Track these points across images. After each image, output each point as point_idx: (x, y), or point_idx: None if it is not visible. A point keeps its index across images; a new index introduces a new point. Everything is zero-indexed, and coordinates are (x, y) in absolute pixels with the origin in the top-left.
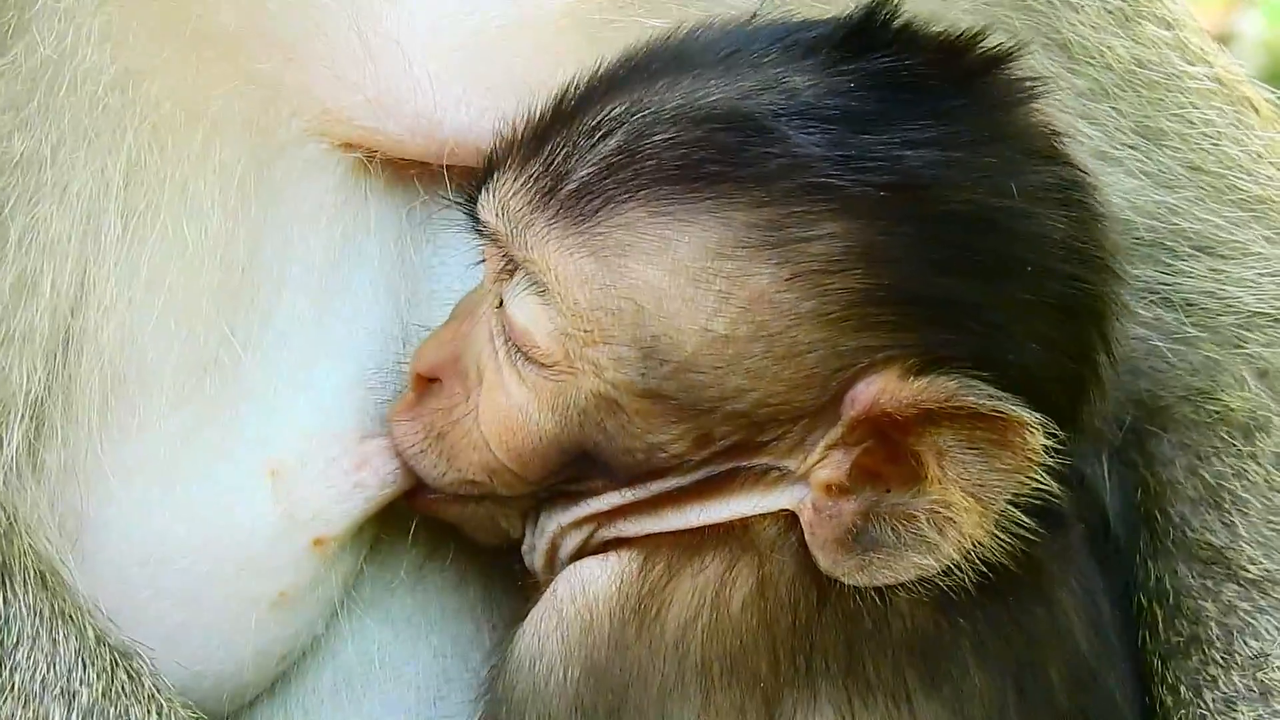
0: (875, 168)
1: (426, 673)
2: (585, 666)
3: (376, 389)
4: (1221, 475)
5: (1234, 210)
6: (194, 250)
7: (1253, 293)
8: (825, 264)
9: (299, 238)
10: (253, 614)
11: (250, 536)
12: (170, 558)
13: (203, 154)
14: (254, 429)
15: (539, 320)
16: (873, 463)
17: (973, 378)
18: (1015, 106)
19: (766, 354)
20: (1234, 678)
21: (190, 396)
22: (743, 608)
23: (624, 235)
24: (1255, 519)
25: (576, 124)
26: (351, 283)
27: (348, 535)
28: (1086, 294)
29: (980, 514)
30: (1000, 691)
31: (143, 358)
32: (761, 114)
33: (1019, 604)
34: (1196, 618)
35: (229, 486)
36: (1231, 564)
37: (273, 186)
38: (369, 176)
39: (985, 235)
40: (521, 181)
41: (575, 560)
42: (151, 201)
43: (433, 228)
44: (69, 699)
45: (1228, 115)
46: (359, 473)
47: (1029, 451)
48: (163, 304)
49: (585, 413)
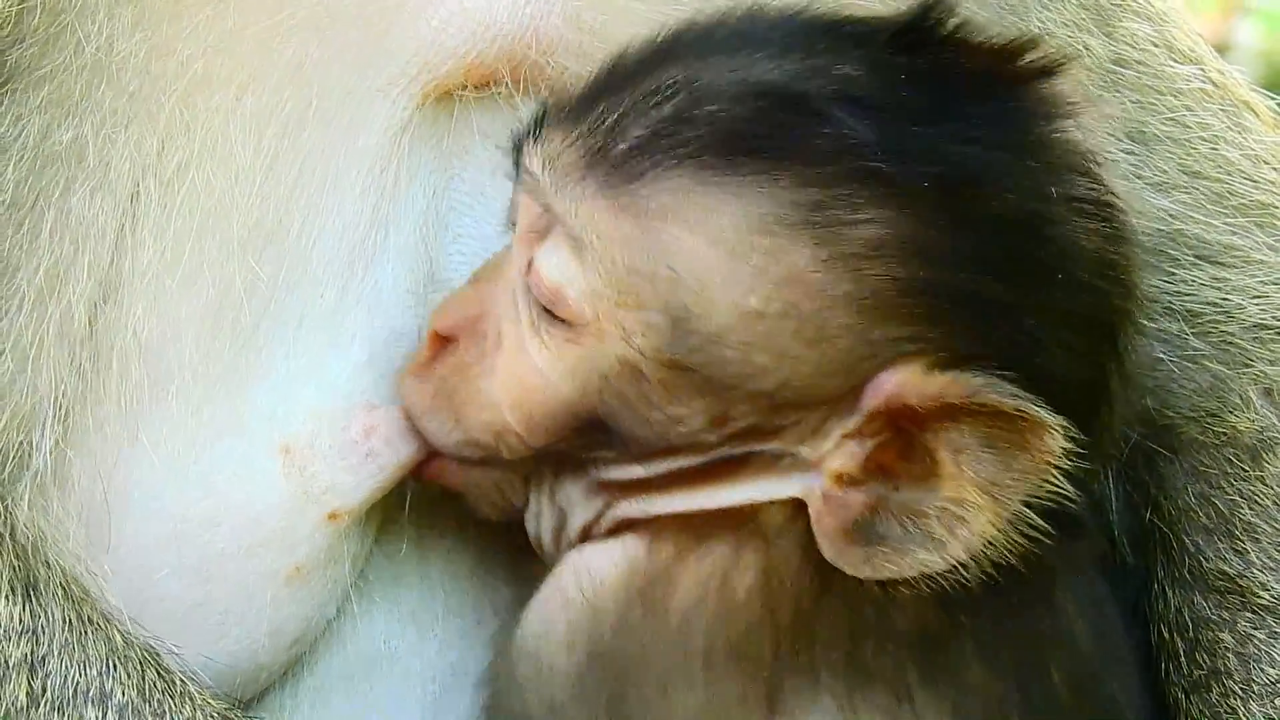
0: (923, 159)
1: (434, 664)
2: (589, 650)
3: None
4: (1234, 503)
5: (1236, 217)
6: (225, 211)
7: (1258, 304)
8: (864, 249)
9: (329, 207)
10: (268, 590)
11: (265, 512)
12: (187, 536)
13: (231, 116)
14: (266, 407)
15: (572, 278)
16: (886, 458)
17: (998, 376)
18: (1058, 119)
19: (796, 334)
20: (1253, 708)
21: (206, 375)
22: (747, 594)
23: (668, 200)
24: (1266, 544)
25: (632, 87)
26: (375, 260)
27: (362, 508)
28: (1111, 308)
29: (993, 513)
30: (1001, 688)
31: (170, 338)
32: (815, 96)
33: (1023, 604)
34: (1214, 650)
35: (242, 464)
36: (1245, 592)
37: (302, 151)
38: (401, 150)
39: (1023, 238)
40: (572, 137)
41: (583, 537)
42: (183, 171)
43: (455, 214)
44: (102, 701)
45: (1225, 118)
46: (369, 440)
47: (1048, 454)
48: (190, 278)
49: (606, 379)
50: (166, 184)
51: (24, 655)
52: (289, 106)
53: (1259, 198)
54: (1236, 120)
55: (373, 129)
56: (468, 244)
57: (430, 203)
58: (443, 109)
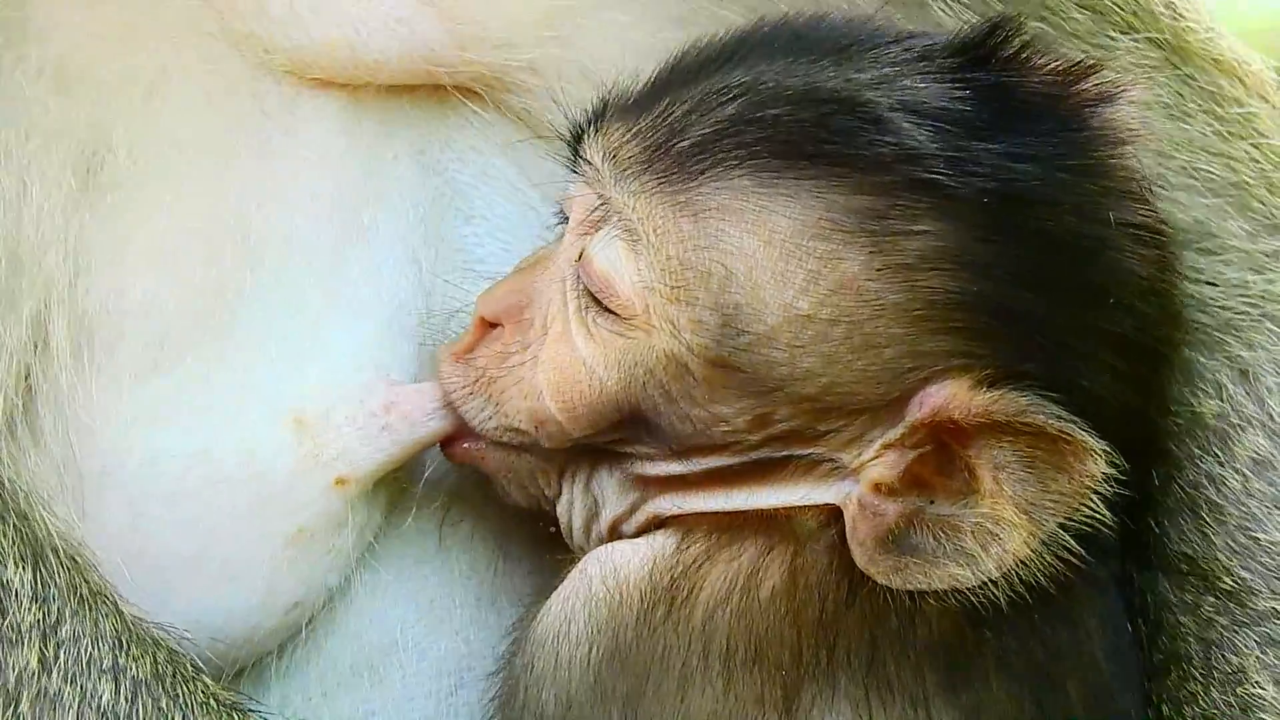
0: (983, 174)
1: (449, 655)
2: (609, 647)
3: (405, 339)
4: (1197, 483)
5: (1209, 198)
6: (183, 210)
7: (1236, 291)
8: (919, 260)
9: (300, 189)
10: (268, 550)
11: (272, 473)
12: (191, 493)
13: (173, 117)
14: (274, 379)
15: (624, 270)
16: (925, 470)
17: (1043, 396)
18: (1118, 145)
19: (844, 341)
20: (1213, 694)
21: (202, 347)
22: (772, 596)
23: (727, 199)
24: (1232, 527)
25: (698, 85)
26: (367, 236)
27: (370, 479)
28: (1157, 336)
29: (1029, 533)
30: (1018, 703)
31: (156, 308)
32: (878, 104)
33: (1045, 622)
34: (1176, 633)
35: (251, 431)
36: (1208, 576)
37: (261, 138)
38: (361, 119)
39: (1077, 259)
40: (634, 131)
41: (613, 530)
42: (135, 168)
43: (465, 193)
44: (115, 675)
45: (1195, 85)
46: (387, 416)
47: (1088, 477)
48: (157, 259)
49: (652, 373)
50: (133, 151)
51: (36, 620)
52: (229, 97)
53: (1230, 178)
54: (1209, 87)
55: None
56: (481, 224)
57: (423, 179)
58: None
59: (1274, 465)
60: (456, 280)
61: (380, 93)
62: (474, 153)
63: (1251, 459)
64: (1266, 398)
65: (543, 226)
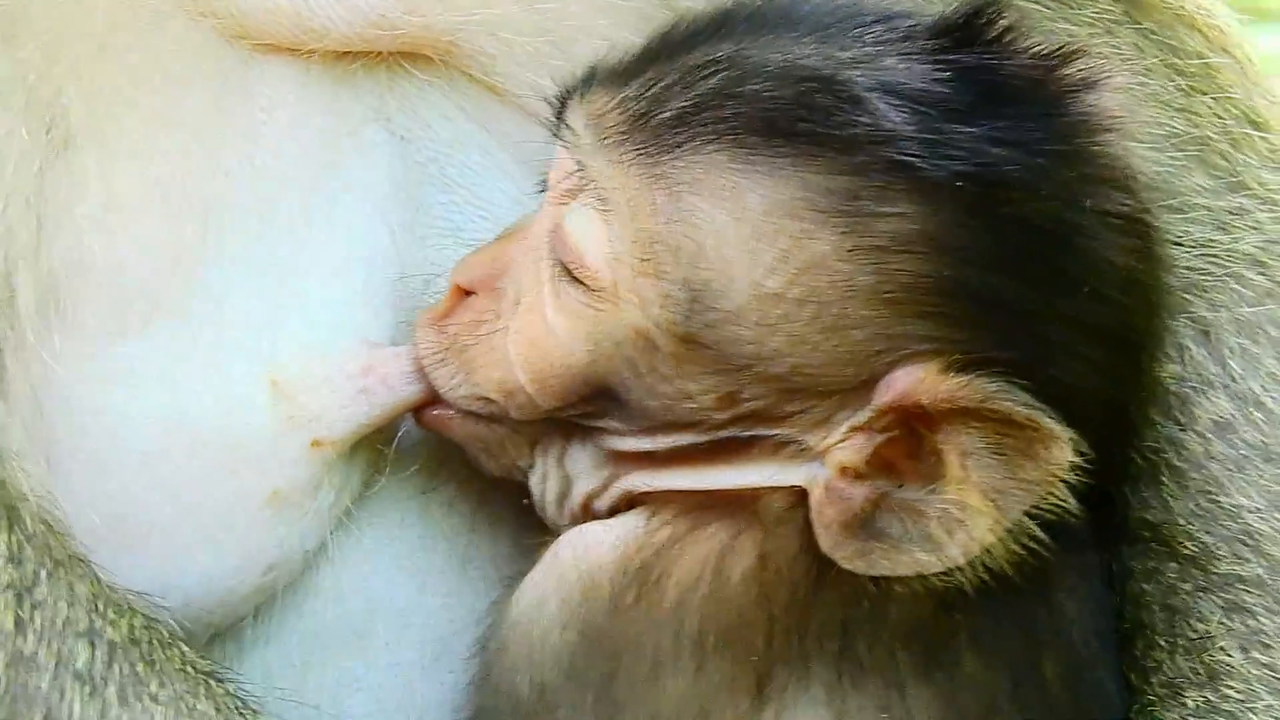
0: (959, 156)
1: (432, 623)
2: (582, 631)
3: (382, 303)
4: (1157, 449)
5: (1172, 154)
6: (140, 170)
7: (1200, 250)
8: (891, 242)
9: (261, 150)
10: (244, 511)
11: (247, 435)
12: (165, 455)
13: (126, 74)
14: (249, 341)
15: (596, 240)
16: (892, 454)
17: (1013, 384)
18: (1100, 132)
19: (813, 321)
20: (1179, 661)
21: (171, 308)
22: (742, 579)
23: (702, 174)
24: (1194, 491)
25: (682, 58)
26: (334, 198)
27: (347, 441)
28: (1134, 327)
29: (995, 521)
30: (994, 681)
31: (123, 269)
32: (856, 83)
33: (1021, 604)
34: (1139, 602)
35: (227, 393)
36: (1170, 541)
37: (218, 100)
38: (316, 85)
39: (1052, 246)
40: (618, 100)
41: (586, 506)
42: (91, 126)
43: (439, 161)
44: (92, 638)
45: (1155, 38)
46: (365, 378)
47: (1055, 466)
48: (119, 219)
49: (620, 346)
50: (87, 108)
51: (11, 581)
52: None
53: (1194, 133)
54: (1165, 40)
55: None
56: (459, 192)
57: (392, 146)
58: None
59: (1236, 427)
60: (437, 247)
61: (333, 59)
62: (444, 120)
63: (1213, 421)
64: (1228, 359)
65: (525, 194)
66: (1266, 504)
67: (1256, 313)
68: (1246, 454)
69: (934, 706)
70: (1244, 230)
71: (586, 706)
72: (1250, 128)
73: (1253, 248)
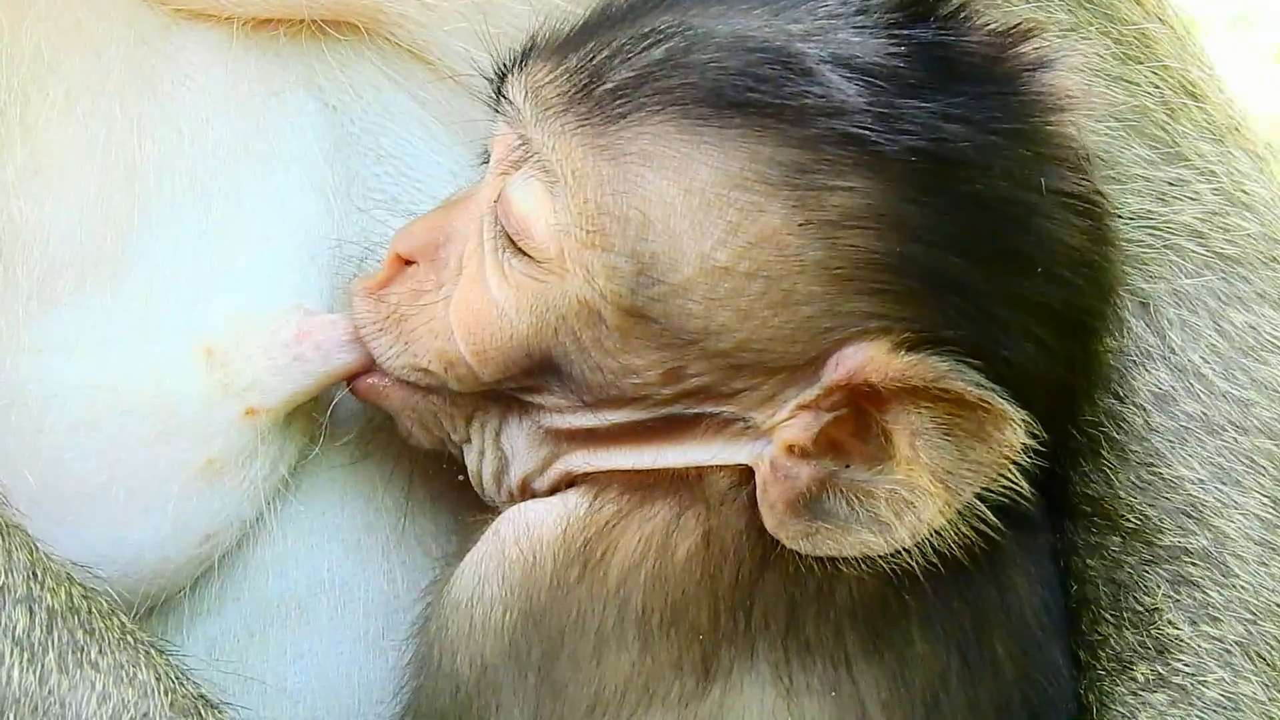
0: (912, 131)
1: (377, 595)
2: (523, 609)
3: (316, 270)
4: (1096, 422)
5: (1110, 123)
6: (63, 136)
7: (1139, 222)
8: (841, 217)
9: (187, 116)
10: (177, 480)
11: (181, 403)
12: (97, 423)
13: (45, 39)
14: (181, 308)
15: (541, 211)
16: (840, 434)
17: (964, 363)
18: (1053, 111)
19: (761, 296)
20: (1126, 636)
21: (100, 276)
22: (687, 558)
23: (648, 145)
24: (1135, 464)
25: (625, 28)
26: (264, 164)
27: (282, 410)
28: (1086, 309)
29: (944, 502)
30: (943, 659)
31: (48, 237)
32: (808, 55)
33: (970, 583)
34: (1083, 577)
35: (160, 361)
36: (1111, 515)
37: (141, 65)
38: (240, 52)
39: (1005, 225)
40: (559, 71)
41: (524, 485)
42: (10, 91)
43: (371, 131)
44: (30, 604)
45: (1091, 7)
46: (299, 345)
47: (1007, 448)
48: (43, 185)
49: (564, 318)
50: (6, 73)
51: None
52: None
53: (1133, 102)
54: (1101, 9)
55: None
56: (392, 163)
57: (321, 114)
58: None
59: (1176, 399)
60: (373, 216)
61: (256, 25)
62: (374, 90)
63: (1152, 393)
64: (1167, 330)
65: (461, 165)
66: (1209, 475)
67: (1195, 284)
68: (1188, 425)
69: (883, 685)
70: (1183, 201)
71: (528, 686)
72: (1187, 98)
73: (1191, 219)
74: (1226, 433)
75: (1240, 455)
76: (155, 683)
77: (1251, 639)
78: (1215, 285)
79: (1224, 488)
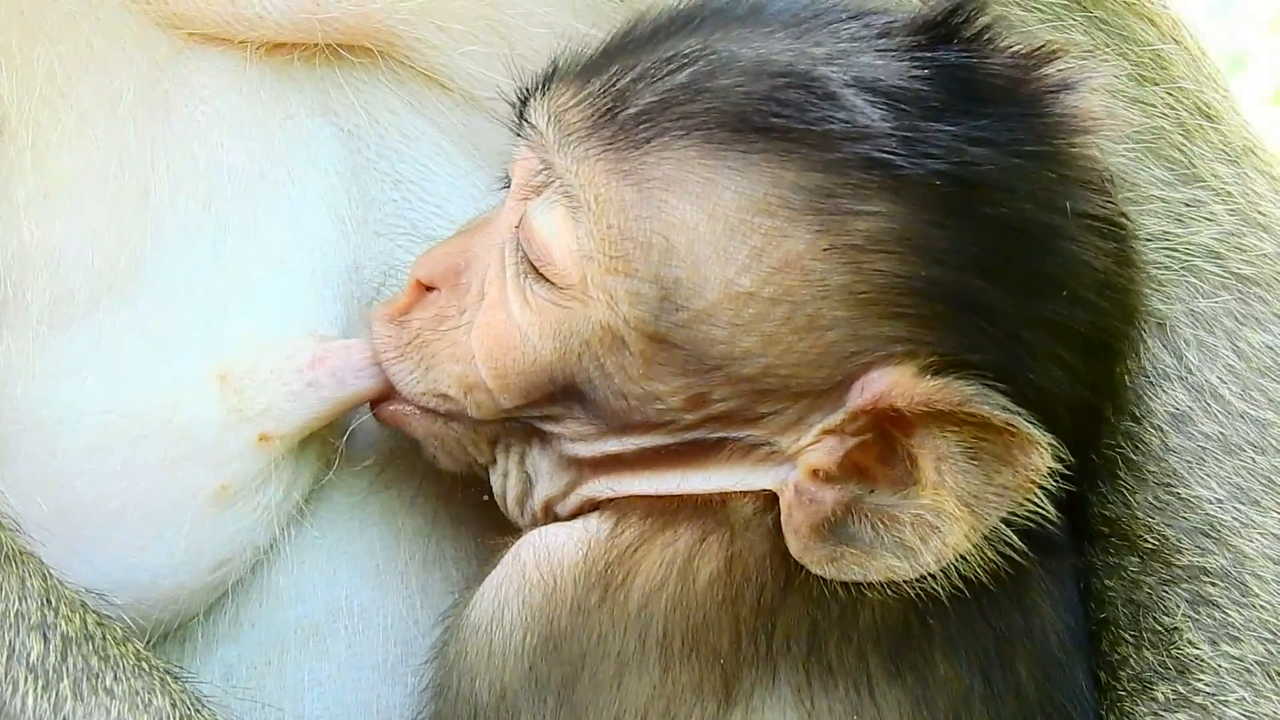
0: (937, 156)
1: (396, 622)
2: (544, 634)
3: (332, 295)
4: (1114, 443)
5: (1127, 144)
6: (77, 161)
7: (1157, 244)
8: (866, 241)
9: (201, 140)
10: (191, 506)
11: (194, 429)
12: (110, 448)
13: (58, 63)
14: (196, 333)
15: (564, 237)
16: (865, 458)
17: (990, 387)
18: (1078, 134)
19: (786, 321)
20: (1146, 655)
21: (114, 300)
22: (709, 582)
23: (672, 170)
24: (1152, 484)
25: (648, 52)
26: (279, 190)
27: (296, 436)
28: (1111, 331)
29: (970, 527)
30: (966, 683)
31: (62, 259)
32: (831, 80)
33: (994, 606)
34: (1103, 598)
35: (173, 386)
36: (1129, 535)
37: (155, 89)
38: (255, 76)
39: (1030, 248)
40: (582, 96)
41: (547, 509)
42: (25, 116)
43: (388, 156)
44: (45, 631)
45: (1107, 28)
46: (313, 371)
47: (1033, 472)
48: (58, 210)
49: (587, 344)
50: (19, 98)
51: None
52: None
53: (1149, 124)
54: (1117, 30)
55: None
56: (410, 188)
57: (337, 139)
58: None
59: (1194, 419)
60: (391, 240)
61: (270, 49)
62: (389, 114)
63: (1170, 414)
64: (1185, 350)
65: (479, 190)
66: (1227, 495)
67: (1212, 305)
68: (1205, 445)
69: (905, 708)
70: (1199, 222)
71: (548, 710)
72: (1203, 119)
73: (1208, 240)
74: (1244, 452)
75: (1258, 475)
76: (171, 709)
77: (1272, 658)
78: (1232, 306)
79: (1242, 507)
